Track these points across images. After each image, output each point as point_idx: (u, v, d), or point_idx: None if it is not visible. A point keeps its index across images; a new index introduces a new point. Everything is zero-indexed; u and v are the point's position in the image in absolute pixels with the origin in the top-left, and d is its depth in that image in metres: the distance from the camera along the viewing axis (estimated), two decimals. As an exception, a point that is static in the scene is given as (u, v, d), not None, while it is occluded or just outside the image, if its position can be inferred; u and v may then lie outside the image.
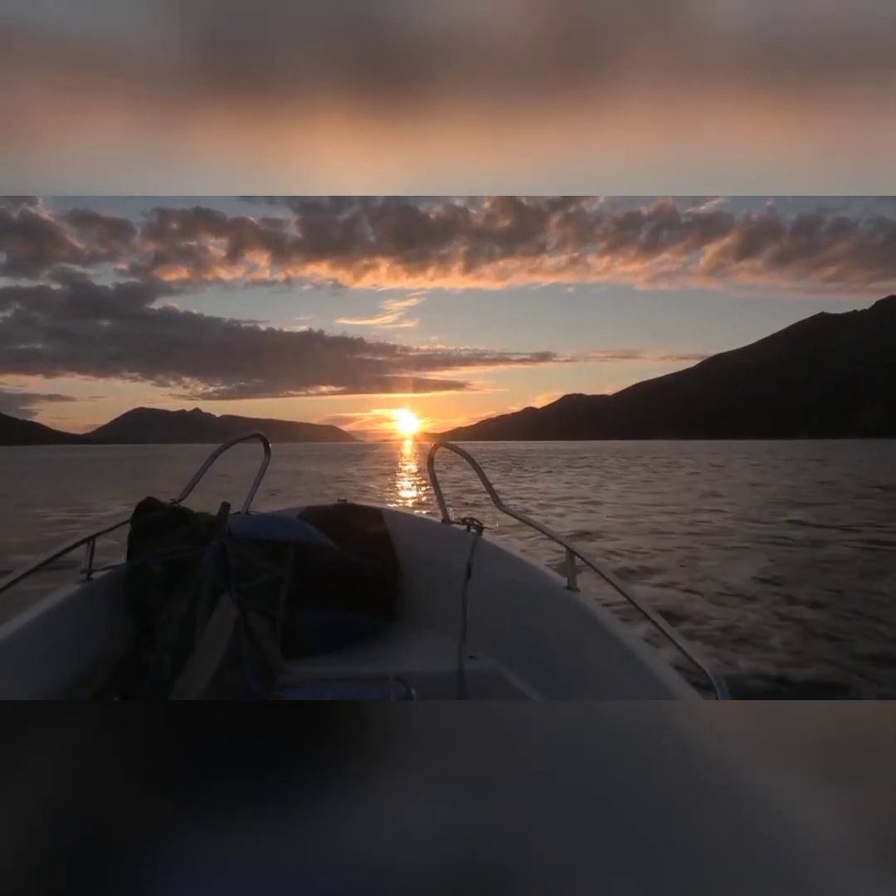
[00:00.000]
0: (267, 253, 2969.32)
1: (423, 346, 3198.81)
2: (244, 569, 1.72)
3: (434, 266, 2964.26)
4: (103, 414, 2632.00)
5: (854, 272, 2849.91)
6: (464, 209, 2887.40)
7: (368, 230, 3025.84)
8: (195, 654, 1.49)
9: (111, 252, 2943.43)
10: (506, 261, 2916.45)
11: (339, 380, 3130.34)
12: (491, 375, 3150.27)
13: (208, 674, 1.46)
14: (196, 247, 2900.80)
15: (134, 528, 1.78)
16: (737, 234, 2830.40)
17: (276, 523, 2.03)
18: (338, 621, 1.88)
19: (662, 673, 1.13)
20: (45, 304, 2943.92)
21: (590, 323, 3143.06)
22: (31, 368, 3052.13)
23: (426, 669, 1.75)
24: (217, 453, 2.05)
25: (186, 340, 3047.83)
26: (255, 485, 2.40)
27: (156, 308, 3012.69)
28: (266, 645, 1.65)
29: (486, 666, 1.75)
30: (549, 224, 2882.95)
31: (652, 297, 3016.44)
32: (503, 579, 1.82)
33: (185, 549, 1.68)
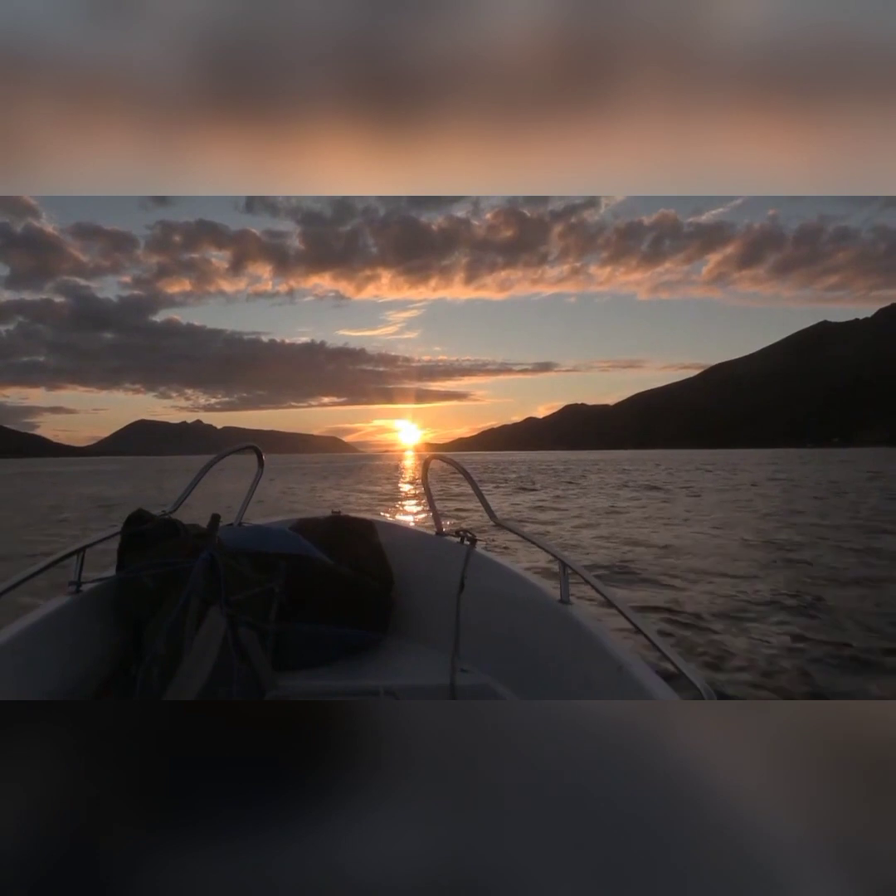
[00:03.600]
0: (269, 265, 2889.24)
1: (425, 357, 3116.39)
2: (235, 581, 1.71)
3: (436, 277, 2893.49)
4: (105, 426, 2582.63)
5: (856, 280, 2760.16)
6: (466, 220, 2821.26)
7: (370, 241, 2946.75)
8: (183, 666, 1.47)
9: (115, 265, 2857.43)
10: (508, 271, 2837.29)
11: (341, 391, 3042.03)
12: (493, 386, 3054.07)
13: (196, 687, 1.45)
14: (199, 259, 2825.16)
15: (124, 539, 1.77)
16: (739, 244, 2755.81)
17: (268, 535, 2.02)
18: (330, 634, 1.87)
19: (655, 686, 1.12)
20: (48, 317, 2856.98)
21: (591, 333, 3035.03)
22: (33, 381, 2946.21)
23: (418, 683, 1.74)
24: (210, 465, 2.05)
25: (189, 352, 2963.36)
26: (248, 496, 2.40)
27: (158, 320, 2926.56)
28: (256, 658, 1.63)
29: (478, 679, 1.74)
30: (552, 234, 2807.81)
31: (653, 306, 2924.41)
32: (496, 592, 1.81)
33: (175, 561, 1.67)
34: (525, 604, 1.69)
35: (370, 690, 1.65)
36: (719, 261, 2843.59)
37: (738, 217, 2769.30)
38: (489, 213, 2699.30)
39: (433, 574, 2.03)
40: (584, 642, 1.40)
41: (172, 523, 1.82)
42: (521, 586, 1.74)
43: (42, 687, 1.36)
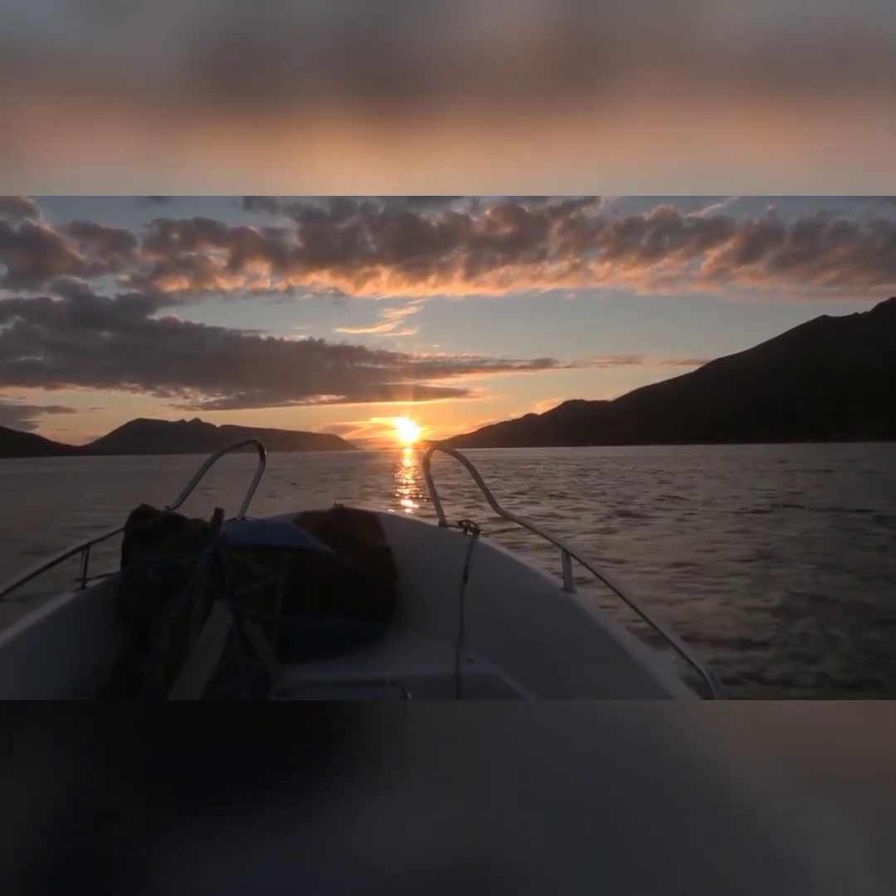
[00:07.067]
0: (268, 262, 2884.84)
1: (423, 354, 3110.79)
2: (239, 575, 1.71)
3: (435, 273, 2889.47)
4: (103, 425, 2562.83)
5: (855, 275, 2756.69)
6: (465, 216, 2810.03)
7: (369, 238, 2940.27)
8: (189, 661, 1.48)
9: (112, 263, 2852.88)
10: (507, 268, 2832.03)
11: (340, 388, 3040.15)
12: (491, 382, 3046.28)
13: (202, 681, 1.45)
14: (197, 257, 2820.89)
15: (128, 536, 1.77)
16: (738, 239, 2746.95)
17: (271, 529, 2.02)
18: (334, 626, 1.87)
19: (660, 674, 1.12)
20: (45, 317, 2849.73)
21: (590, 329, 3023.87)
22: (31, 380, 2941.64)
23: (423, 673, 1.75)
24: (212, 460, 2.05)
25: (187, 351, 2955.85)
26: (251, 491, 2.40)
27: (156, 319, 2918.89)
28: (261, 651, 1.64)
29: (483, 669, 1.74)
30: (551, 230, 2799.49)
31: (653, 302, 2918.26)
32: (500, 582, 1.82)
33: (179, 556, 1.67)
34: (529, 593, 1.69)
35: (375, 681, 1.65)
36: (718, 256, 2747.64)
37: (738, 212, 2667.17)
38: (488, 210, 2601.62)
39: (437, 565, 2.04)
40: (587, 630, 1.40)
41: (176, 519, 1.83)
42: (525, 575, 1.75)
43: (48, 683, 1.36)
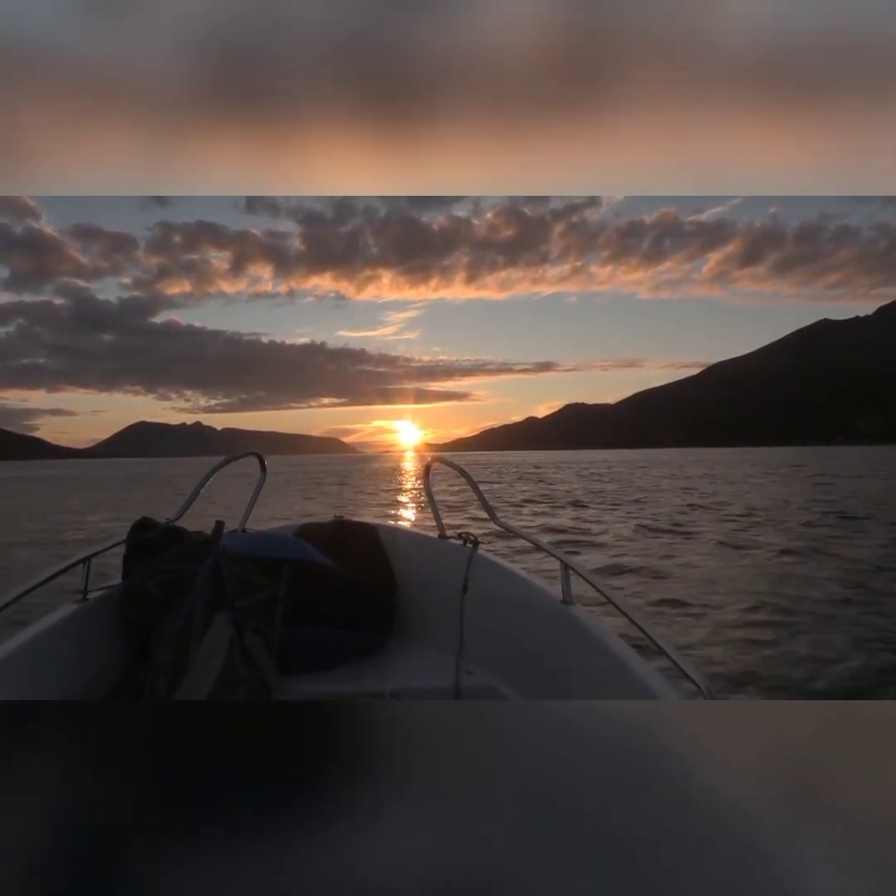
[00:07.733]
0: (269, 265, 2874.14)
1: (425, 357, 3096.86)
2: (240, 587, 1.72)
3: (437, 277, 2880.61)
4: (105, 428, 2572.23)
5: (857, 278, 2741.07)
6: (466, 219, 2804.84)
7: (371, 241, 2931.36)
8: (190, 672, 1.49)
9: (114, 266, 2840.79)
10: (508, 271, 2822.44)
11: (341, 391, 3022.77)
12: (493, 385, 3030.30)
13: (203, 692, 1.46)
14: (199, 260, 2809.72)
15: (129, 548, 1.78)
16: (739, 242, 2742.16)
17: (272, 541, 2.03)
18: (334, 638, 1.88)
19: (659, 686, 1.13)
20: (47, 319, 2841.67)
21: (592, 332, 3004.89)
22: (33, 383, 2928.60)
23: (423, 685, 1.75)
24: (212, 472, 2.06)
25: (188, 354, 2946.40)
26: (251, 503, 2.41)
27: (158, 322, 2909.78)
28: (262, 662, 1.65)
29: (483, 681, 1.75)
30: (552, 233, 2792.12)
31: (654, 305, 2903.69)
32: (499, 594, 1.82)
33: (180, 568, 1.68)
34: (528, 605, 1.70)
35: (375, 693, 1.66)
36: (720, 259, 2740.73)
37: (739, 215, 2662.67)
38: (490, 213, 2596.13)
39: (436, 577, 2.05)
40: (586, 642, 1.41)
41: (177, 531, 1.84)
42: (524, 588, 1.75)
43: (49, 694, 1.37)
